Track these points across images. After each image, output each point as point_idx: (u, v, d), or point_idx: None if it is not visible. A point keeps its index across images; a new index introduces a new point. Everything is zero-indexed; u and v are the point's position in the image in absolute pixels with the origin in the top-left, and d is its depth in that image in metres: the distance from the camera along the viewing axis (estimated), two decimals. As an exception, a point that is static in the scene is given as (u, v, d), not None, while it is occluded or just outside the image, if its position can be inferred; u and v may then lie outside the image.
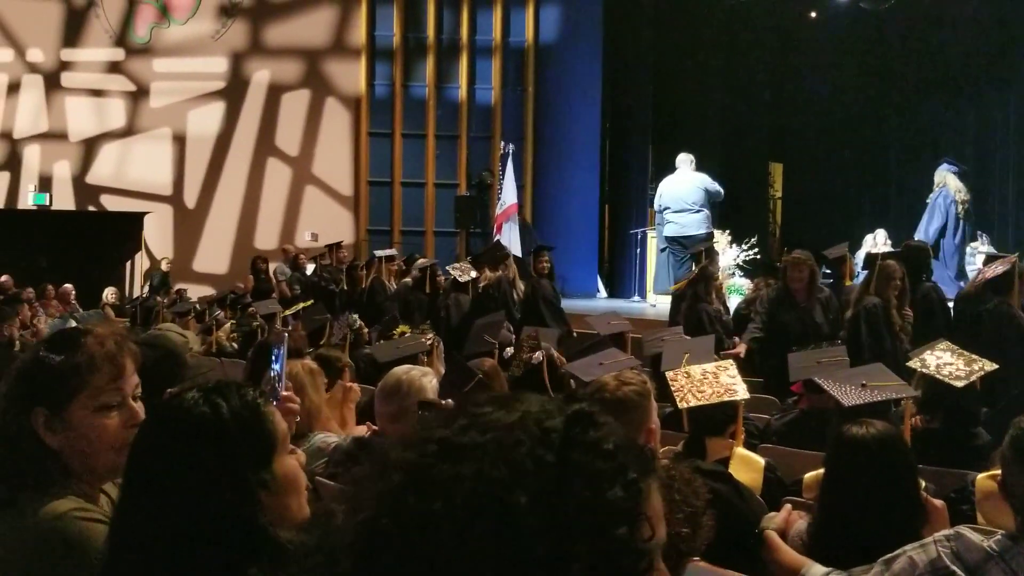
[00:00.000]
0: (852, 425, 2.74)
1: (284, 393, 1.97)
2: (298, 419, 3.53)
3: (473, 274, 9.18)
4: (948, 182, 12.22)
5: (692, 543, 1.99)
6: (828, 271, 8.96)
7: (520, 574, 0.79)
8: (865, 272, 7.08)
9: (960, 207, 12.05)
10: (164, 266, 14.52)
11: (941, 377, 3.99)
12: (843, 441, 2.70)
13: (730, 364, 3.75)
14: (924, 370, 4.06)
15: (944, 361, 4.08)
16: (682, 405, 3.50)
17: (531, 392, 0.94)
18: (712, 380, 3.55)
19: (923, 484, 2.75)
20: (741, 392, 3.55)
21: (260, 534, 1.46)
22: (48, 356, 1.76)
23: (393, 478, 0.85)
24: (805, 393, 4.57)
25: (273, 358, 2.22)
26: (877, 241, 13.28)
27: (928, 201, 12.39)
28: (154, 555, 1.43)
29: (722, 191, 11.97)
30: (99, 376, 1.77)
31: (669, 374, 3.73)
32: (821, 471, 2.86)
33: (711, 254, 8.94)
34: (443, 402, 3.19)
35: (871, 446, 2.65)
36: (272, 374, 2.09)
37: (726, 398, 3.49)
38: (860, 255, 12.88)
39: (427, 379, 3.44)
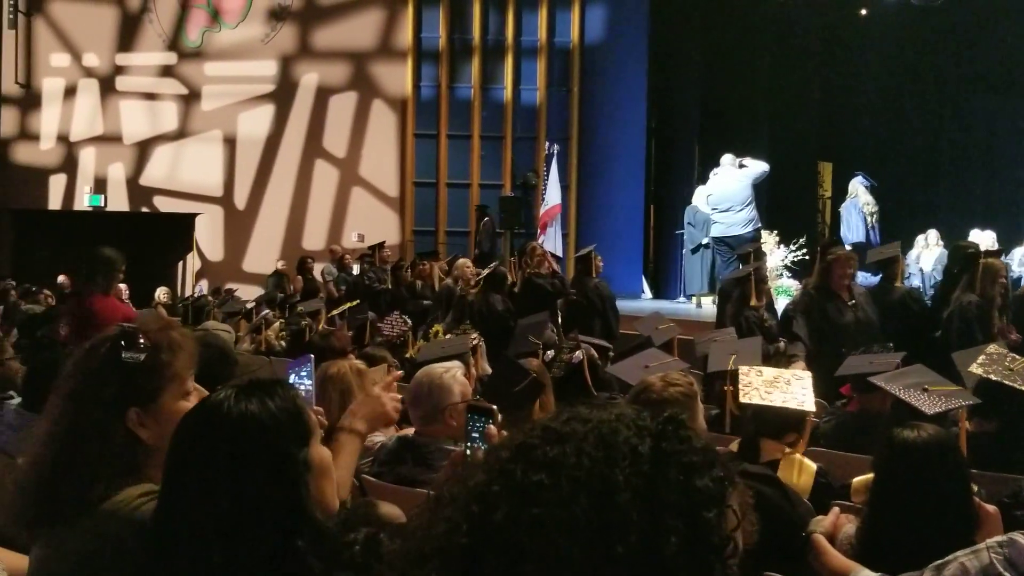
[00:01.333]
0: (903, 428, 2.69)
1: (313, 408, 2.10)
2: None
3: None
4: (859, 194, 12.99)
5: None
6: (879, 272, 8.81)
7: (616, 540, 0.86)
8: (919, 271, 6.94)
9: (869, 217, 12.95)
10: (280, 265, 14.01)
11: (1011, 383, 3.87)
12: (894, 445, 2.65)
13: (807, 375, 3.63)
14: (992, 376, 3.94)
15: (1007, 364, 3.97)
16: (744, 399, 3.41)
17: (574, 392, 0.99)
18: (783, 386, 3.45)
19: (976, 489, 2.70)
20: (808, 404, 3.44)
21: (304, 513, 1.56)
22: (131, 356, 1.82)
23: (501, 454, 0.95)
24: (855, 395, 4.50)
25: (304, 374, 2.29)
26: (929, 241, 13.08)
27: (840, 210, 13.37)
28: (198, 543, 1.52)
29: (766, 166, 11.99)
30: (182, 365, 1.88)
31: (742, 369, 3.64)
32: (870, 475, 2.81)
33: (759, 255, 8.80)
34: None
35: (923, 450, 2.60)
36: (302, 390, 2.18)
37: (790, 406, 3.40)
38: (912, 255, 12.71)
39: (449, 375, 3.42)
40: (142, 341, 1.84)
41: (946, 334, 6.10)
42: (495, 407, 1.60)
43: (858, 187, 12.91)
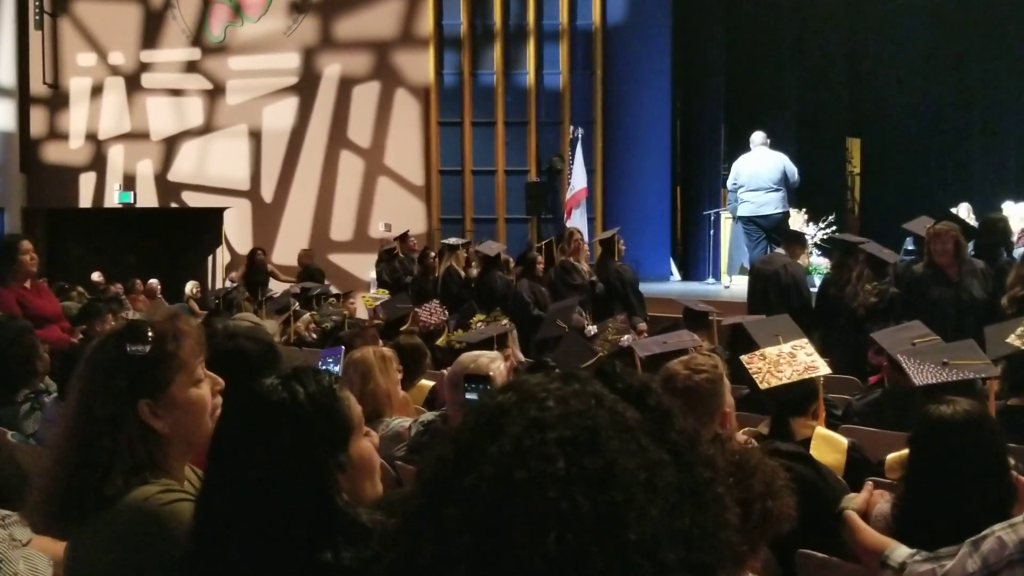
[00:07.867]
0: (938, 404, 2.67)
1: None
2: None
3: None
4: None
5: (771, 520, 1.94)
6: (911, 248, 8.73)
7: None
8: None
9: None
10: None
11: None
12: (929, 420, 2.64)
13: (806, 342, 3.68)
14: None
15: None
16: (763, 386, 3.45)
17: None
18: (789, 359, 3.49)
19: (1012, 463, 2.68)
20: (821, 368, 3.50)
21: (338, 514, 1.52)
22: (137, 349, 1.82)
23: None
24: (891, 371, 4.45)
25: (332, 362, 2.30)
26: (961, 215, 12.89)
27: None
28: (237, 532, 1.50)
29: (799, 178, 11.70)
30: (188, 354, 1.88)
31: (745, 358, 3.69)
32: (904, 451, 2.80)
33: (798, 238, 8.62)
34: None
35: (959, 424, 2.58)
36: None
37: (806, 376, 3.44)
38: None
39: (495, 364, 3.44)
40: (148, 333, 1.84)
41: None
42: (491, 374, 1.62)
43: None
